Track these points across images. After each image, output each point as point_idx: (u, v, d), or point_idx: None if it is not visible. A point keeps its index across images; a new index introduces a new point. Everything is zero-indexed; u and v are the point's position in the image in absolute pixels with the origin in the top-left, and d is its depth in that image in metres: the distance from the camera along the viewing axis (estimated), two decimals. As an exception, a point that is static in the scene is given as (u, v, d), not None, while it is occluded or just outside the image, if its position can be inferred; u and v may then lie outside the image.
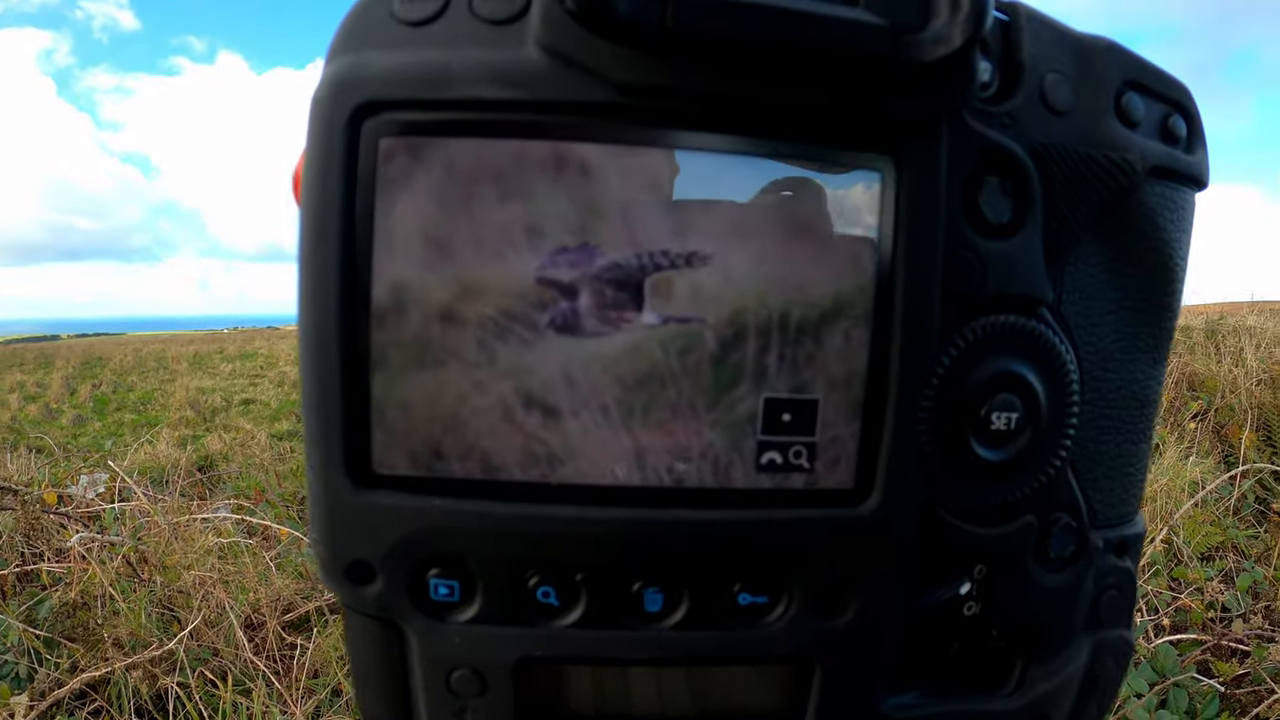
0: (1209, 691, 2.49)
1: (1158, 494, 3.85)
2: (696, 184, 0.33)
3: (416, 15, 0.33)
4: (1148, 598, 2.99)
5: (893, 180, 0.34)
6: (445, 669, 0.37)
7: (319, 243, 0.33)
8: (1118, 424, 0.42)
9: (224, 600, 3.06)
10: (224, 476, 6.72)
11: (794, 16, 0.30)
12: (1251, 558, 3.62)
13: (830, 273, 0.34)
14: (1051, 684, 0.42)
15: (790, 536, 0.36)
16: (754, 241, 0.33)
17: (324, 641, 3.11)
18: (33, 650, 2.86)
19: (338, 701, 3.01)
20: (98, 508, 3.65)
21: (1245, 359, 6.07)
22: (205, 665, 2.91)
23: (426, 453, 0.34)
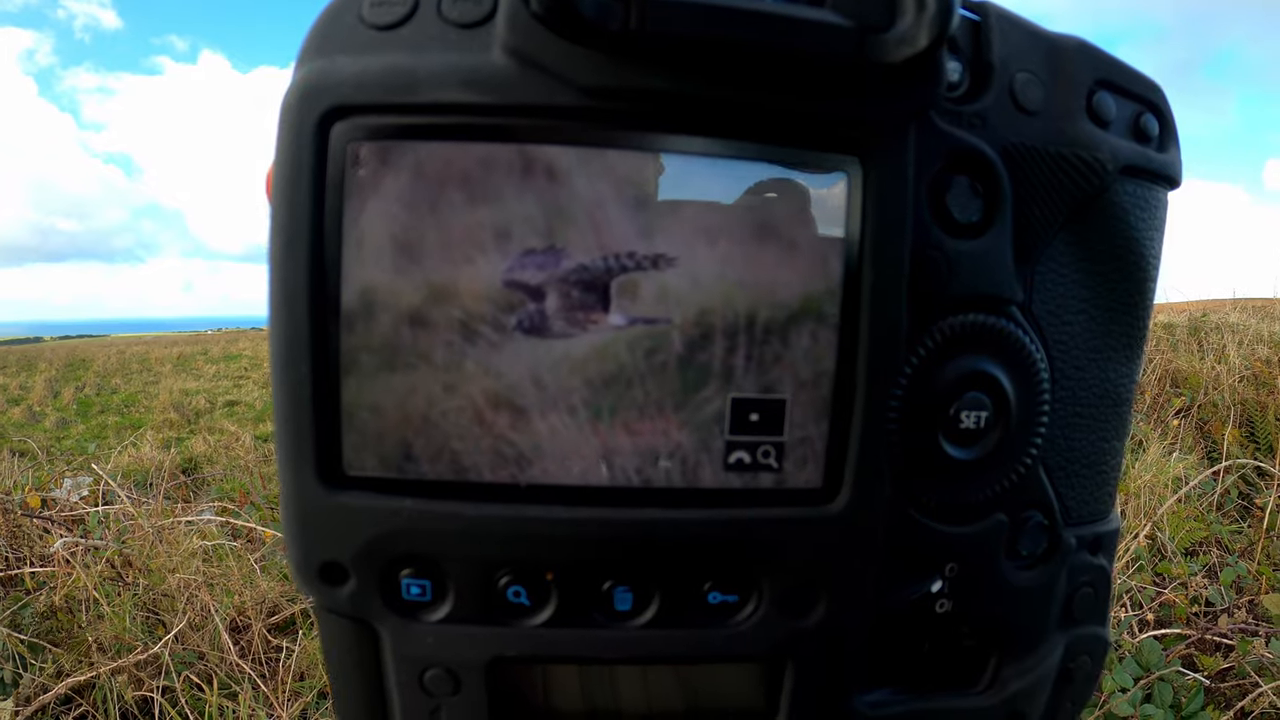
0: (1194, 685, 2.50)
1: (1141, 490, 3.86)
2: (662, 186, 0.33)
3: (385, 19, 0.33)
4: (1131, 593, 3.00)
5: (860, 181, 0.34)
6: (419, 669, 0.37)
7: (289, 247, 0.33)
8: (1091, 422, 0.42)
9: (209, 603, 3.05)
10: (208, 479, 6.70)
11: (758, 18, 0.30)
12: (1235, 553, 3.64)
13: (797, 274, 0.34)
14: (1025, 681, 0.42)
15: (759, 535, 0.36)
16: (720, 243, 0.33)
17: (310, 644, 3.10)
18: (17, 655, 2.85)
19: (324, 704, 3.00)
20: (82, 511, 3.64)
21: (1228, 356, 6.11)
22: (191, 669, 2.89)
23: (397, 454, 0.34)
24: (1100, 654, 0.45)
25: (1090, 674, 0.45)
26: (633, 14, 0.29)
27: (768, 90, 0.32)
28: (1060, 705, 0.45)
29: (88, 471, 4.74)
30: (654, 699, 0.40)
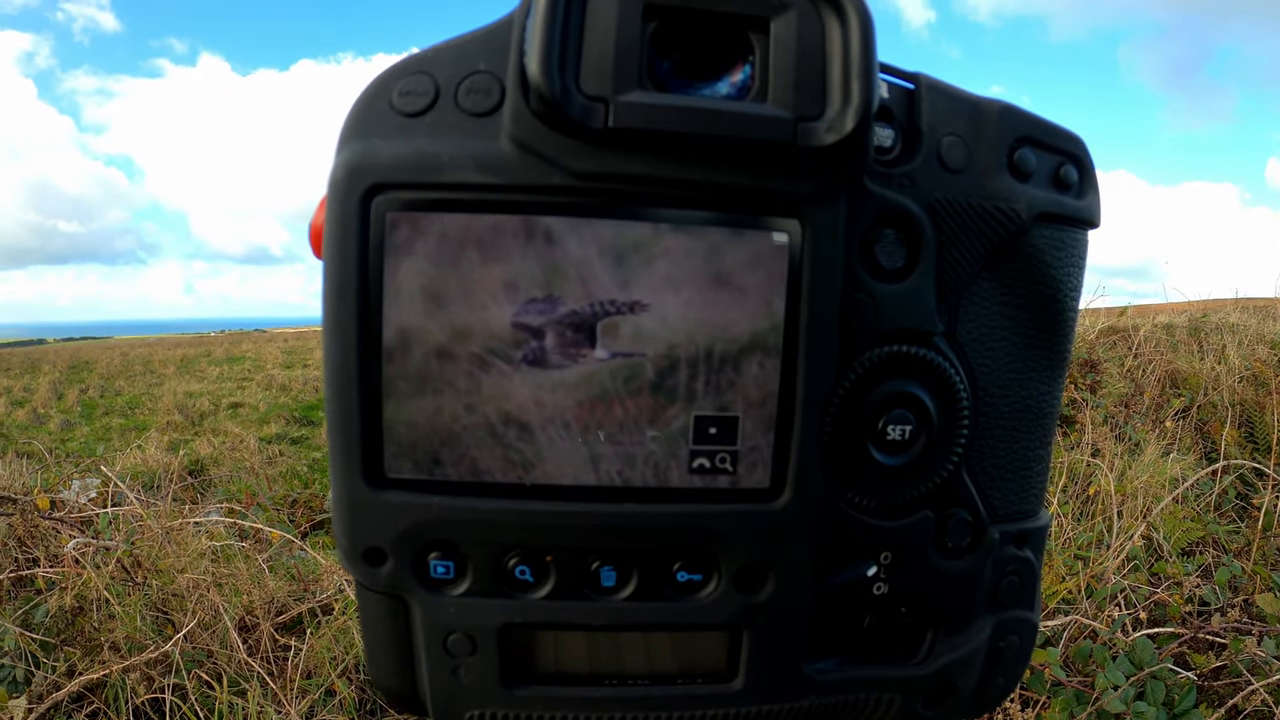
0: (1186, 683, 2.53)
1: (1137, 490, 3.89)
2: (637, 247, 0.41)
3: (412, 107, 0.41)
4: (1126, 592, 3.03)
5: (799, 239, 0.41)
6: (443, 634, 0.46)
7: (339, 296, 0.41)
8: (1014, 433, 0.49)
9: (218, 603, 3.08)
10: (215, 481, 6.73)
11: (710, 114, 0.38)
12: (1231, 552, 3.67)
13: (747, 315, 0.42)
14: (957, 655, 0.50)
15: (717, 526, 0.44)
16: (684, 292, 0.41)
17: (317, 643, 3.14)
18: (30, 654, 2.88)
19: (331, 701, 3.04)
20: (90, 513, 3.67)
21: (1228, 356, 6.12)
22: (200, 667, 2.93)
23: (427, 460, 0.42)
24: (1029, 635, 0.52)
25: (1020, 653, 0.52)
26: (610, 113, 0.38)
27: (721, 170, 0.40)
28: (993, 680, 0.52)
29: (95, 473, 4.78)
30: (636, 663, 0.48)
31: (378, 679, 0.49)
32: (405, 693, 0.48)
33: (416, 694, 0.48)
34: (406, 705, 0.49)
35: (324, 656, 3.12)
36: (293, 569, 3.59)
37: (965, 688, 0.51)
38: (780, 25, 0.39)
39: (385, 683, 0.49)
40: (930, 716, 0.51)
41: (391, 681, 0.48)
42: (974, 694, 0.52)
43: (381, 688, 0.49)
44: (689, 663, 0.48)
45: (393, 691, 0.49)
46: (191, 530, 3.60)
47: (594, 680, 0.48)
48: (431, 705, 0.48)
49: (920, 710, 0.51)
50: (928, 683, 0.50)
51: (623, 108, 0.38)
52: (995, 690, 0.52)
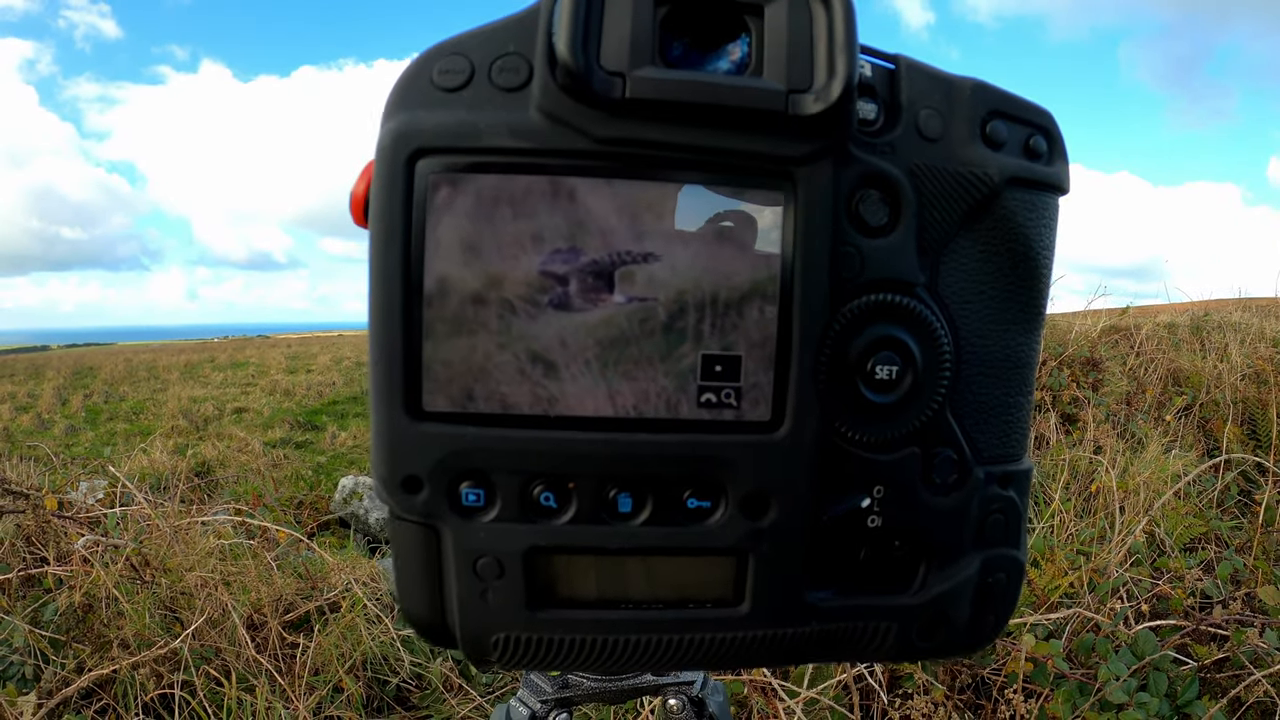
0: (1188, 674, 2.55)
1: (1139, 487, 3.91)
2: (650, 205, 0.46)
3: (450, 84, 0.46)
4: (1128, 586, 3.05)
5: (793, 199, 0.46)
6: (473, 558, 0.49)
7: (386, 248, 0.46)
8: (995, 380, 0.53)
9: (226, 601, 3.10)
10: (221, 482, 6.75)
11: (713, 86, 0.44)
12: (1233, 547, 3.68)
13: (747, 266, 0.47)
14: (948, 586, 0.54)
15: (723, 454, 0.49)
16: (692, 244, 0.47)
17: (324, 640, 3.16)
18: (39, 651, 2.90)
19: (339, 697, 3.06)
20: (99, 513, 3.68)
21: (1230, 354, 6.14)
22: (209, 664, 2.95)
23: (461, 395, 0.47)
24: (1015, 573, 0.56)
25: (1008, 591, 0.56)
26: (627, 86, 0.43)
27: (723, 136, 0.45)
28: (984, 618, 0.55)
29: (103, 475, 4.80)
30: (650, 588, 0.51)
31: (409, 611, 0.52)
32: (435, 622, 0.52)
33: (445, 623, 0.52)
34: (435, 635, 0.52)
35: (331, 653, 3.14)
36: (300, 568, 3.61)
37: (957, 620, 0.55)
38: (773, 10, 0.45)
39: (416, 613, 0.52)
40: (925, 648, 0.55)
41: (422, 611, 0.52)
42: (966, 628, 0.55)
43: (412, 619, 0.52)
44: (698, 588, 0.52)
45: (423, 622, 0.52)
46: (199, 529, 3.62)
47: (611, 604, 0.51)
48: (460, 630, 0.51)
49: (916, 641, 0.54)
50: (921, 613, 0.54)
51: (637, 81, 0.43)
52: (986, 627, 0.56)
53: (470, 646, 0.52)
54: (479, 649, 0.52)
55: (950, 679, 2.65)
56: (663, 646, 0.52)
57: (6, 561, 3.28)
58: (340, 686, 3.08)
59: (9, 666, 2.86)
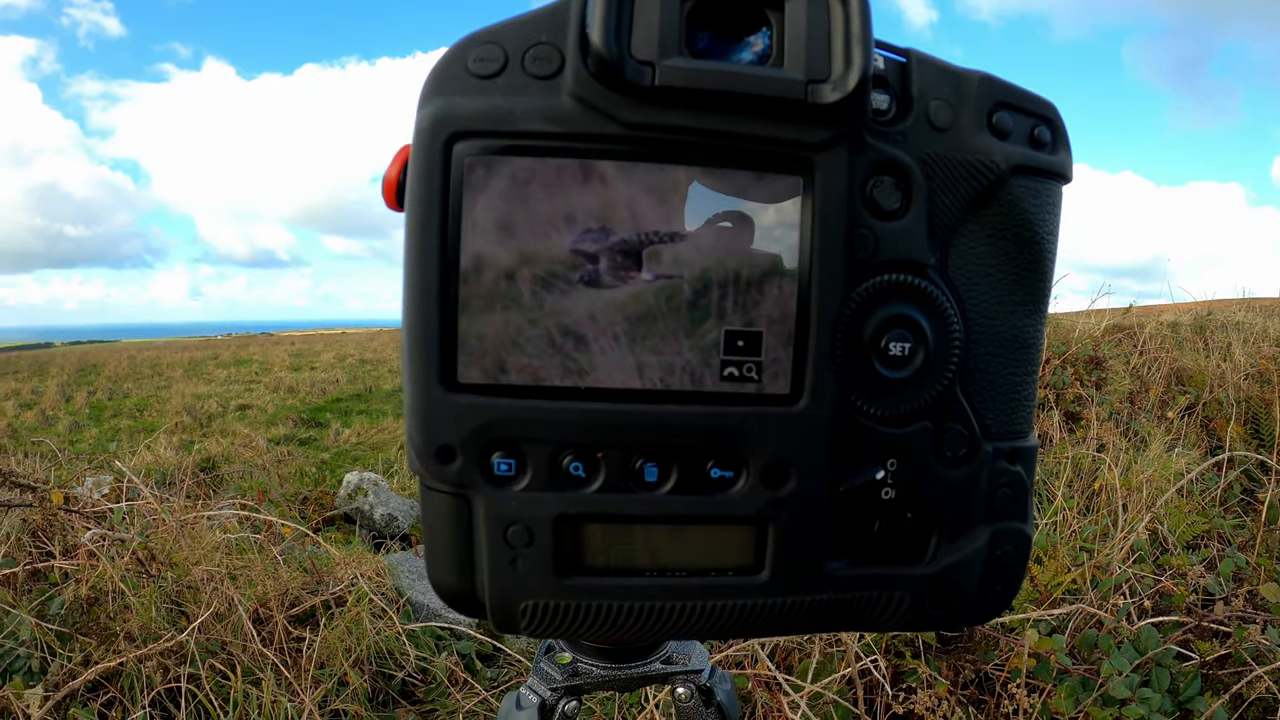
0: (1191, 670, 2.55)
1: (1142, 485, 3.91)
2: (676, 187, 0.49)
3: (485, 71, 0.48)
4: (1131, 582, 3.05)
5: (811, 183, 0.49)
6: (504, 526, 0.51)
7: (424, 228, 0.48)
8: (1002, 360, 0.56)
9: (232, 595, 3.11)
10: (226, 478, 6.76)
11: (738, 75, 0.46)
12: (1235, 546, 3.68)
13: (769, 245, 0.49)
14: (958, 557, 0.56)
15: (745, 426, 0.51)
16: (715, 224, 0.49)
17: (330, 634, 3.17)
18: (45, 645, 2.90)
19: (344, 691, 3.07)
20: (104, 508, 3.69)
21: (1233, 354, 6.13)
22: (215, 657, 2.96)
23: (494, 368, 0.49)
24: (1023, 546, 0.58)
25: (1015, 563, 0.58)
26: (656, 74, 0.46)
27: (746, 123, 0.48)
28: (993, 589, 0.58)
29: (108, 470, 4.81)
30: (673, 556, 0.53)
31: (438, 581, 0.54)
32: (464, 591, 0.54)
33: (474, 592, 0.54)
34: (464, 604, 0.55)
35: (337, 647, 3.15)
36: (305, 562, 3.62)
37: (968, 591, 0.57)
38: (793, 5, 0.47)
39: (445, 582, 0.54)
40: (937, 617, 0.57)
41: (451, 581, 0.54)
42: (976, 599, 0.57)
43: (441, 589, 0.55)
44: (720, 556, 0.54)
45: (452, 590, 0.54)
46: (205, 524, 3.63)
47: (635, 572, 0.53)
48: (490, 599, 0.53)
49: (929, 610, 0.57)
50: (933, 582, 0.56)
51: (666, 70, 0.46)
52: (995, 598, 0.58)
53: (499, 614, 0.53)
54: (507, 617, 0.53)
55: (953, 674, 2.66)
56: (685, 613, 0.54)
57: (13, 555, 3.28)
58: (346, 680, 3.09)
59: (16, 660, 2.87)
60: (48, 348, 63.48)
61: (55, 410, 14.55)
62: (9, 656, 2.87)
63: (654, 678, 0.86)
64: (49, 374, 21.27)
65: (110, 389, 17.42)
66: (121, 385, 18.24)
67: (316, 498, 6.05)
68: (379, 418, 11.53)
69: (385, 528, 5.58)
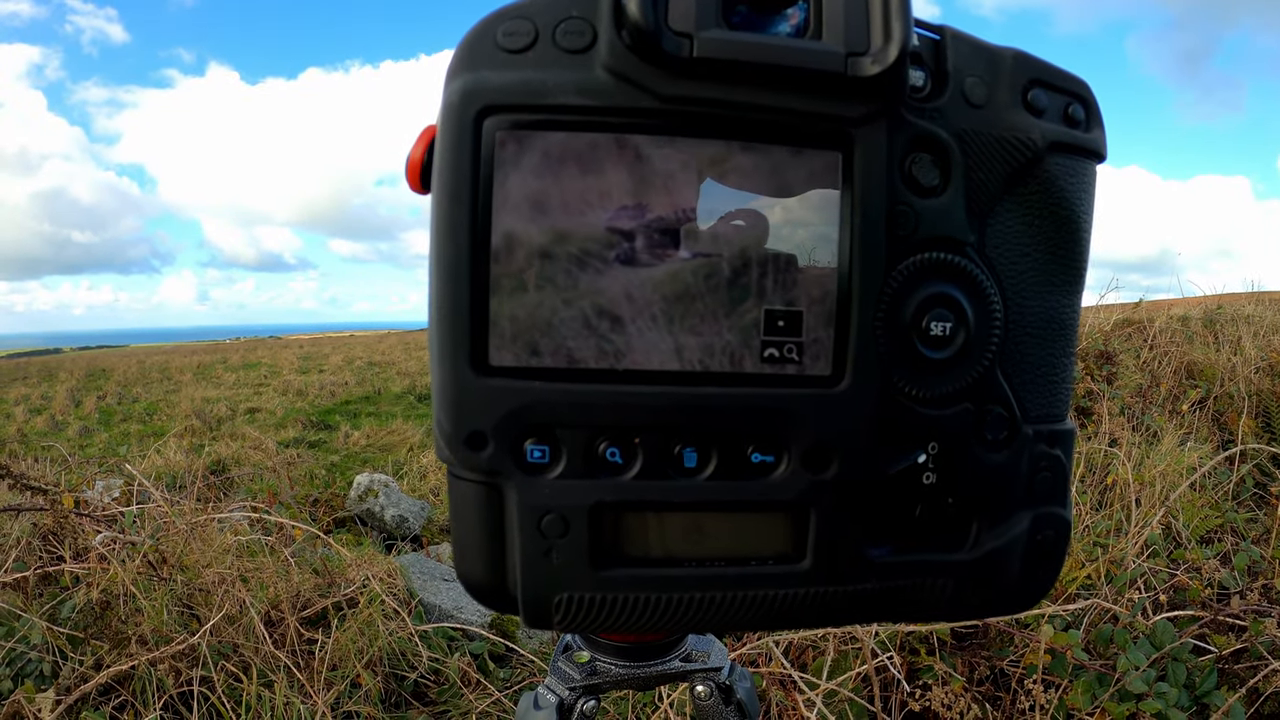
0: (1207, 665, 2.54)
1: (1155, 479, 3.90)
2: (714, 162, 0.47)
3: (515, 45, 0.47)
4: (1146, 577, 3.04)
5: (851, 158, 0.48)
6: (538, 515, 0.50)
7: (453, 205, 0.47)
8: (1040, 341, 0.55)
9: (244, 597, 3.11)
10: (236, 480, 6.77)
11: (777, 47, 0.45)
12: (1249, 539, 3.67)
13: (808, 222, 0.48)
14: (1000, 543, 0.55)
15: (786, 408, 0.50)
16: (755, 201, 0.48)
17: (342, 636, 3.17)
18: (57, 648, 2.91)
19: (356, 693, 3.07)
20: (115, 511, 3.69)
21: (1243, 347, 6.11)
22: (227, 660, 2.96)
23: (527, 350, 0.48)
24: (1063, 531, 0.57)
25: (1056, 548, 0.57)
26: (694, 46, 0.44)
27: (784, 97, 0.47)
28: (1034, 574, 0.56)
29: (118, 474, 4.81)
30: (713, 545, 0.52)
31: (467, 575, 0.53)
32: (494, 585, 0.53)
33: (505, 586, 0.52)
34: (494, 599, 0.53)
35: (349, 649, 3.15)
36: (317, 564, 3.62)
37: (1009, 577, 0.56)
38: None
39: (474, 576, 0.53)
40: (979, 605, 0.56)
41: (481, 574, 0.52)
42: (1017, 585, 0.56)
43: (470, 583, 0.53)
44: (760, 544, 0.52)
45: (482, 585, 0.53)
46: (216, 527, 3.63)
47: (673, 561, 0.52)
48: (522, 592, 0.51)
49: (971, 598, 0.55)
50: (976, 569, 0.55)
51: (704, 41, 0.44)
52: (1036, 584, 0.57)
53: (531, 609, 0.52)
54: (540, 611, 0.52)
55: (969, 670, 2.65)
56: (725, 604, 0.52)
57: (24, 559, 3.29)
58: (358, 682, 3.09)
59: (27, 664, 2.87)
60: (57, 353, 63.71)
61: (65, 415, 14.60)
62: (20, 660, 2.88)
63: (673, 676, 0.85)
64: (58, 379, 21.36)
65: (119, 393, 17.46)
66: (131, 390, 18.29)
67: (327, 500, 6.05)
68: (388, 420, 11.54)
69: (396, 529, 5.58)
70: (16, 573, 3.15)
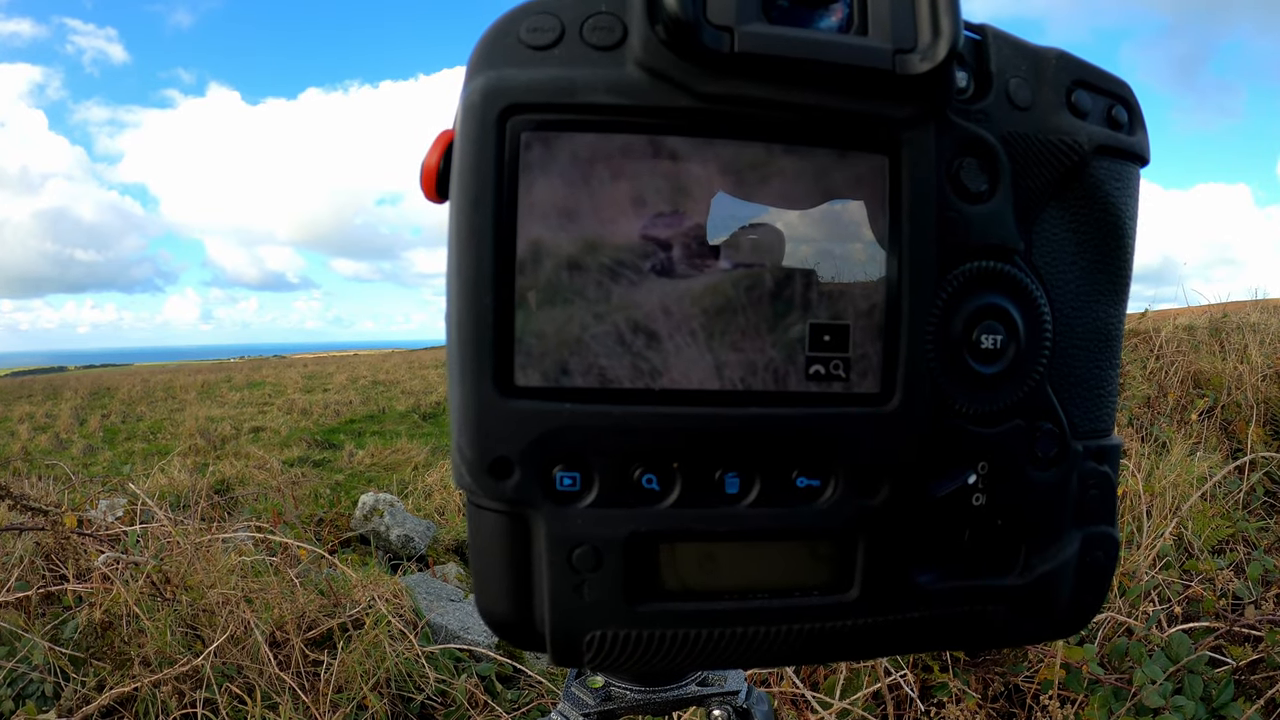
0: (1223, 677, 2.52)
1: (1166, 489, 3.88)
2: (754, 166, 0.45)
3: (540, 41, 0.44)
4: (1160, 588, 3.02)
5: (898, 162, 0.45)
6: (568, 548, 0.46)
7: (475, 211, 0.44)
8: (1086, 353, 0.52)
9: (248, 618, 3.09)
10: (240, 500, 6.76)
11: (823, 43, 0.42)
12: (1261, 548, 3.65)
13: (854, 231, 0.46)
14: (1050, 566, 0.52)
15: (833, 429, 0.47)
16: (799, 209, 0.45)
17: (348, 657, 3.15)
18: (59, 669, 2.90)
19: (363, 716, 3.04)
20: (119, 530, 3.68)
21: (1250, 355, 6.09)
22: (232, 681, 2.94)
23: (556, 369, 0.45)
24: (1112, 551, 0.54)
25: (1105, 569, 0.54)
26: (735, 40, 0.41)
27: (828, 95, 0.44)
28: (1084, 596, 0.54)
29: (122, 493, 4.80)
30: (755, 577, 0.49)
31: (490, 611, 0.50)
32: (519, 622, 0.49)
33: (531, 622, 0.49)
34: (518, 636, 0.50)
35: (355, 670, 3.13)
36: (322, 584, 3.60)
37: (1060, 601, 0.53)
38: None
39: (498, 613, 0.49)
40: (1030, 631, 0.53)
41: (504, 610, 0.49)
42: (1069, 609, 0.54)
43: (493, 620, 0.50)
44: (806, 575, 0.49)
45: (506, 622, 0.49)
46: (220, 547, 3.62)
47: (715, 595, 0.49)
48: (550, 630, 0.48)
49: (1023, 623, 0.53)
50: (1027, 594, 0.52)
51: (745, 36, 0.42)
52: (1086, 607, 0.54)
53: (560, 647, 0.49)
54: (570, 649, 0.49)
55: (983, 687, 2.62)
56: (768, 639, 0.49)
57: (26, 579, 3.28)
58: (364, 704, 3.07)
59: (29, 684, 2.86)
60: (61, 371, 63.81)
61: (69, 433, 14.62)
62: (22, 681, 2.87)
63: (690, 700, 0.83)
64: (63, 397, 21.38)
65: (124, 412, 17.50)
66: (135, 408, 18.32)
67: (332, 519, 6.04)
68: (393, 439, 11.54)
69: (402, 549, 5.56)
70: (19, 592, 3.14)
